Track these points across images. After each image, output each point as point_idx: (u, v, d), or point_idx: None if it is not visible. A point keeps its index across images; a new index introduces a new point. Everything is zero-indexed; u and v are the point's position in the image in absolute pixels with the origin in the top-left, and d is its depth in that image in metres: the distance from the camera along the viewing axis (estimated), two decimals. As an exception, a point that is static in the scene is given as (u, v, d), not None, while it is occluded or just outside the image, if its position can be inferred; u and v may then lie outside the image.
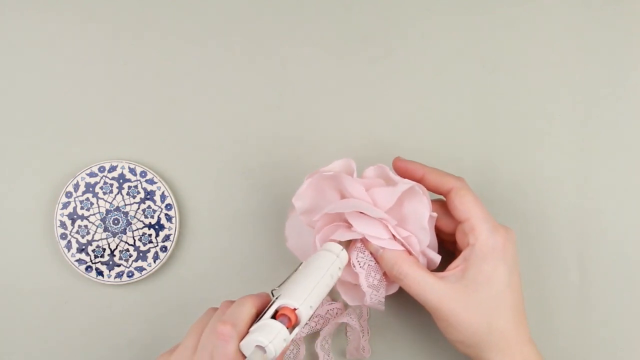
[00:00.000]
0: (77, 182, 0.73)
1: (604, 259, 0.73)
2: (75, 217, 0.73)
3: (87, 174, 0.73)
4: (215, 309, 0.62)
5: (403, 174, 0.66)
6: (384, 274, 0.66)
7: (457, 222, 0.65)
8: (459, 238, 0.65)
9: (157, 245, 0.73)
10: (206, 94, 0.75)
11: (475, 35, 0.76)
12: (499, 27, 0.76)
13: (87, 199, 0.73)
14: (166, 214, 0.73)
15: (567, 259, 0.73)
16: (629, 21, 0.75)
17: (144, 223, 0.73)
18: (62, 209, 0.73)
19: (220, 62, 0.75)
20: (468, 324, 0.62)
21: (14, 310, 0.72)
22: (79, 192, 0.73)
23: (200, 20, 0.76)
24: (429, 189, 0.65)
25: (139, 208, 0.73)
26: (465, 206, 0.64)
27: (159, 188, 0.73)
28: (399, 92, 0.75)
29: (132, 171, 0.73)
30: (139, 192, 0.73)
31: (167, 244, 0.73)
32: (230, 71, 0.75)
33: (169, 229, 0.73)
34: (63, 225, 0.73)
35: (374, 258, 0.65)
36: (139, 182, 0.73)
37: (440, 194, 0.66)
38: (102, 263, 0.72)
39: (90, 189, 0.73)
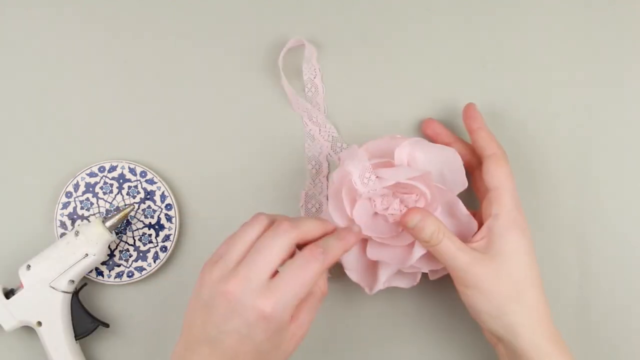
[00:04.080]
0: (77, 182, 0.73)
1: (604, 259, 0.73)
2: (75, 217, 0.73)
3: (87, 174, 0.73)
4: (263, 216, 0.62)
5: (466, 117, 0.69)
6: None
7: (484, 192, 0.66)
8: (485, 207, 0.65)
9: (157, 245, 0.73)
10: (206, 94, 0.75)
11: (475, 35, 0.76)
12: (499, 27, 0.76)
13: (87, 199, 0.73)
14: (166, 214, 0.73)
15: (567, 259, 0.73)
16: (629, 21, 0.75)
17: (144, 223, 0.73)
18: (62, 209, 0.73)
19: (221, 61, 0.75)
20: (498, 291, 0.62)
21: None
22: (79, 192, 0.73)
23: (200, 21, 0.76)
24: (473, 144, 0.68)
25: (139, 208, 0.73)
26: (499, 174, 0.64)
27: (159, 188, 0.73)
28: (398, 92, 0.75)
29: (132, 171, 0.73)
30: (139, 192, 0.73)
31: (167, 244, 0.73)
32: (231, 71, 0.75)
33: (169, 229, 0.73)
34: (63, 225, 0.73)
35: (409, 231, 0.64)
36: (139, 182, 0.73)
37: (480, 155, 0.67)
38: (102, 263, 0.72)
39: (90, 189, 0.73)
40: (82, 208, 0.73)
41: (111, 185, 0.73)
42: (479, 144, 0.67)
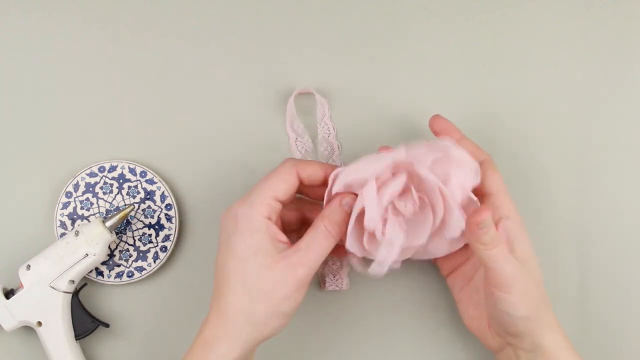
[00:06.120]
0: (77, 182, 0.73)
1: (604, 258, 0.73)
2: (75, 217, 0.73)
3: (87, 174, 0.73)
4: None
5: (438, 131, 0.66)
6: None
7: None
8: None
9: (157, 245, 0.73)
10: (206, 94, 0.75)
11: (475, 35, 0.76)
12: (499, 27, 0.76)
13: (87, 199, 0.73)
14: (166, 214, 0.73)
15: (567, 259, 0.73)
16: (629, 21, 0.75)
17: (144, 223, 0.73)
18: (62, 209, 0.73)
19: (220, 62, 0.76)
20: (533, 294, 0.61)
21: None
22: (79, 192, 0.73)
23: (200, 21, 0.76)
24: None
25: (139, 208, 0.73)
26: (496, 179, 0.63)
27: (159, 188, 0.73)
28: (398, 92, 0.75)
29: (132, 171, 0.73)
30: (139, 192, 0.73)
31: (167, 244, 0.73)
32: (230, 71, 0.75)
33: (169, 229, 0.73)
34: (63, 225, 0.73)
35: (472, 234, 0.61)
36: (139, 182, 0.73)
37: None
38: (102, 263, 0.72)
39: (90, 189, 0.73)
40: (82, 208, 0.73)
41: (111, 185, 0.73)
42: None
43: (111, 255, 0.73)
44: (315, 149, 0.74)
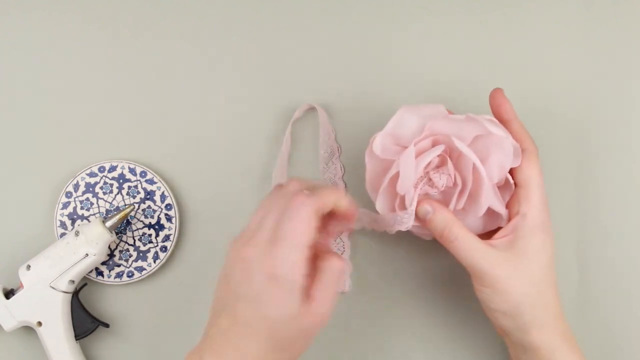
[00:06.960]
0: (77, 182, 0.73)
1: (604, 259, 0.73)
2: (75, 217, 0.73)
3: (87, 174, 0.73)
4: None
5: (494, 106, 0.65)
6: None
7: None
8: (512, 203, 0.64)
9: (157, 245, 0.73)
10: (206, 94, 0.75)
11: (475, 35, 0.76)
12: (499, 27, 0.76)
13: (87, 199, 0.73)
14: (166, 214, 0.73)
15: (567, 259, 0.73)
16: (629, 21, 0.75)
17: (144, 223, 0.73)
18: (62, 209, 0.73)
19: (220, 62, 0.76)
20: (516, 292, 0.61)
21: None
22: (79, 192, 0.73)
23: (201, 21, 0.76)
24: None
25: (139, 208, 0.73)
26: (532, 171, 0.63)
27: (159, 188, 0.73)
28: (398, 92, 0.75)
29: (132, 171, 0.73)
30: (139, 192, 0.73)
31: (167, 244, 0.73)
32: (230, 71, 0.75)
33: (169, 229, 0.73)
34: (63, 225, 0.73)
35: (420, 221, 0.64)
36: (139, 182, 0.73)
37: None
38: (102, 263, 0.72)
39: (90, 189, 0.73)
40: (82, 208, 0.73)
41: (111, 185, 0.73)
42: (513, 135, 0.64)
43: (111, 255, 0.73)
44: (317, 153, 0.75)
